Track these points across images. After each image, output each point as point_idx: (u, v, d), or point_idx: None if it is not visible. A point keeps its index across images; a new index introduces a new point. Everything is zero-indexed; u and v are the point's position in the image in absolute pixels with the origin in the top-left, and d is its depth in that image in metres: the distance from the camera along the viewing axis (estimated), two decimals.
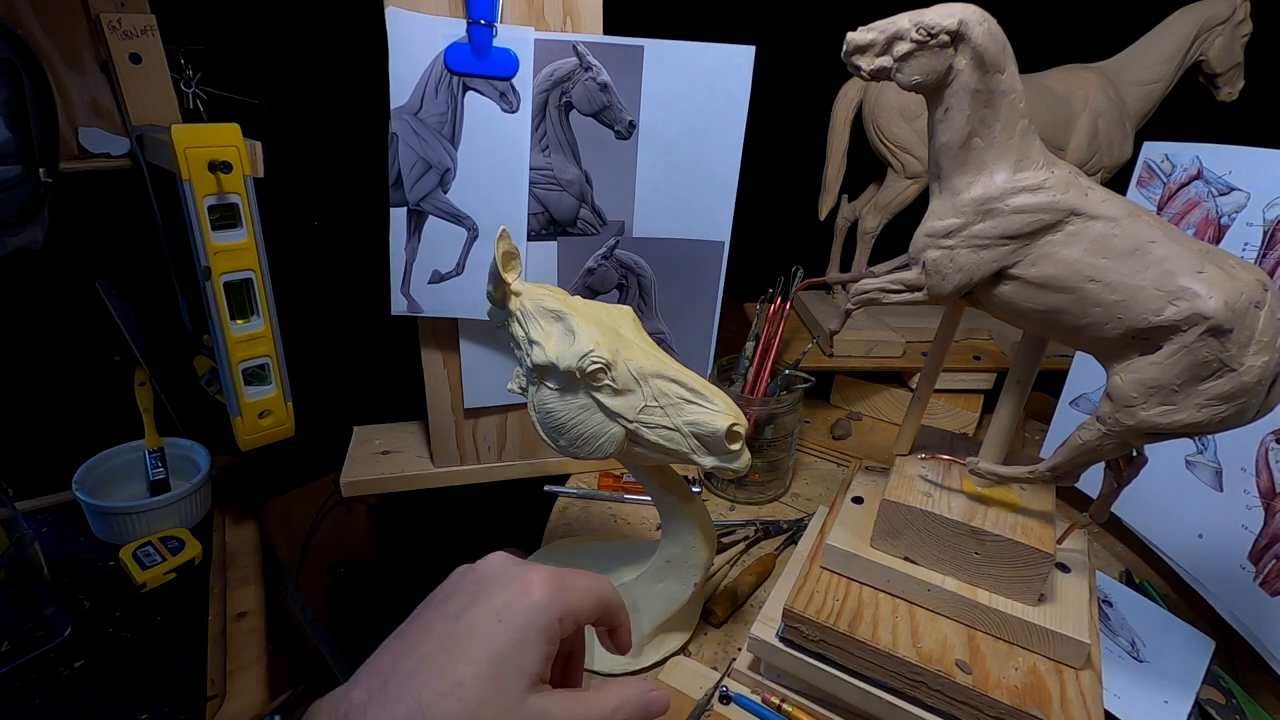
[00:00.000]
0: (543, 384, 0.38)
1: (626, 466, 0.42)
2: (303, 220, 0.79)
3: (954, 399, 0.73)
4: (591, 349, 0.35)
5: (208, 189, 0.46)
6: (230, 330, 0.50)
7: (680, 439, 0.37)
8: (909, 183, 0.69)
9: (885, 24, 0.32)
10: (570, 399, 0.37)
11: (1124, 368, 0.32)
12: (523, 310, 0.38)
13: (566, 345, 0.36)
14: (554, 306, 0.37)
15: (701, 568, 0.42)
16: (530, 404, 0.39)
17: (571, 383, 0.36)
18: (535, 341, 0.37)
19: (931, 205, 0.35)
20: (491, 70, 0.49)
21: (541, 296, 0.38)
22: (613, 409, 0.36)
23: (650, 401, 0.36)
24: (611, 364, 0.36)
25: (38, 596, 0.50)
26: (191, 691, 0.47)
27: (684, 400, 0.36)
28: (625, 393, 0.36)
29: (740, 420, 0.36)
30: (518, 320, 0.38)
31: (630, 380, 0.36)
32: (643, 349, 0.38)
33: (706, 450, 0.37)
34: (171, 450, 0.65)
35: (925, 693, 0.36)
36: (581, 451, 0.38)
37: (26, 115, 0.51)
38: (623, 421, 0.37)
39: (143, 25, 0.55)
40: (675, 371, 0.37)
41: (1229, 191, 0.48)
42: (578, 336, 0.36)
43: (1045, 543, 0.36)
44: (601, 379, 0.36)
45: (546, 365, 0.36)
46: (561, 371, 0.36)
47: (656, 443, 0.37)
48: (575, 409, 0.37)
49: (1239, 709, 0.42)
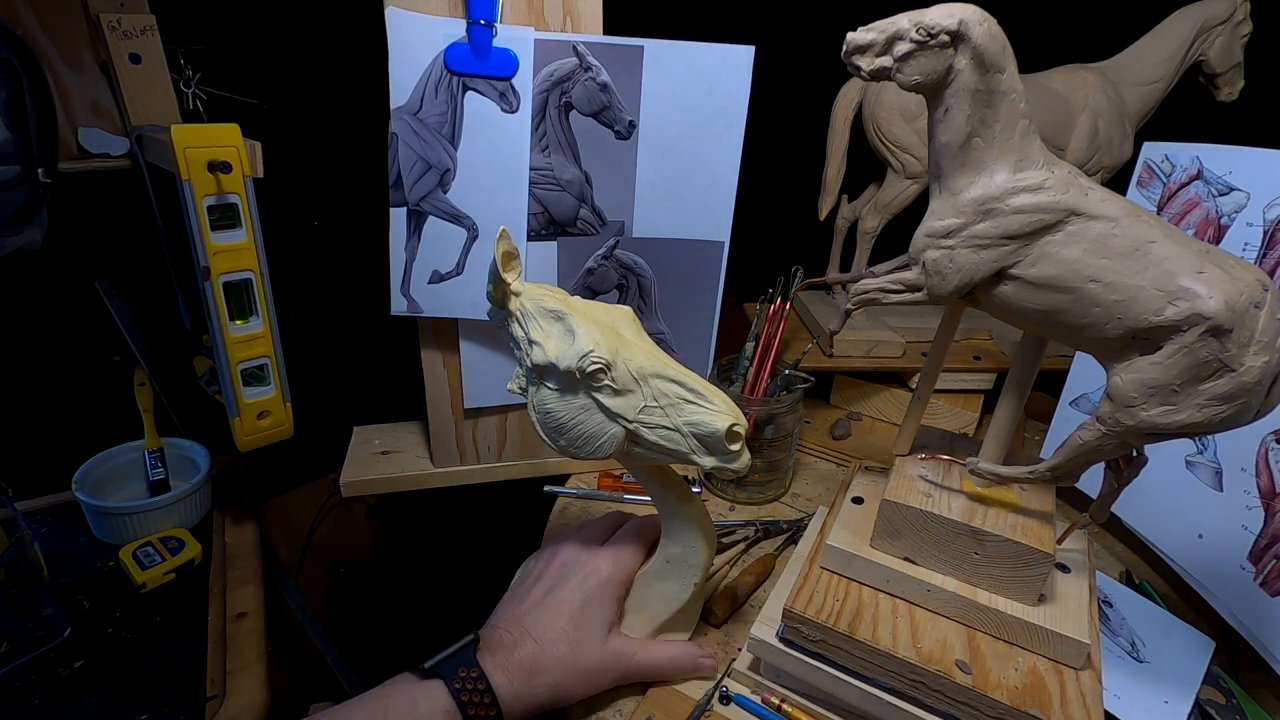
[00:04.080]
0: (542, 384, 0.38)
1: (626, 467, 0.42)
2: (302, 220, 0.79)
3: (954, 399, 0.73)
4: (591, 349, 0.35)
5: (207, 189, 0.46)
6: (229, 331, 0.50)
7: (680, 439, 0.37)
8: (909, 183, 0.69)
9: (885, 24, 0.32)
10: (570, 399, 0.37)
11: (1124, 368, 0.32)
12: (522, 310, 0.38)
13: (566, 345, 0.36)
14: (554, 307, 0.37)
15: (701, 568, 0.42)
16: (530, 404, 0.39)
17: (571, 383, 0.36)
18: (535, 342, 0.37)
19: (931, 205, 0.35)
20: (491, 70, 0.49)
21: (541, 297, 0.38)
22: (613, 409, 0.36)
23: (650, 401, 0.36)
24: (611, 364, 0.35)
25: (37, 597, 0.50)
26: (191, 692, 0.47)
27: (684, 400, 0.36)
28: (625, 393, 0.36)
29: (740, 420, 0.36)
30: (517, 320, 0.38)
31: (630, 380, 0.36)
32: (642, 349, 0.38)
33: (706, 450, 0.37)
34: (171, 450, 0.65)
35: (925, 693, 0.36)
36: (581, 452, 0.38)
37: (25, 115, 0.51)
38: (623, 422, 0.37)
39: (142, 25, 0.55)
40: (675, 372, 0.37)
41: (1229, 191, 0.48)
42: (578, 336, 0.36)
43: (1045, 543, 0.36)
44: (601, 379, 0.36)
45: (546, 365, 0.36)
46: (561, 372, 0.36)
47: (656, 443, 0.37)
48: (575, 409, 0.37)
49: (1239, 709, 0.42)
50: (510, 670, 0.37)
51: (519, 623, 0.40)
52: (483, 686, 0.36)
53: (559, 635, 0.39)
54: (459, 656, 0.37)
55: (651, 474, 0.41)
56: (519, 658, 0.38)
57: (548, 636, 0.39)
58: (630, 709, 0.42)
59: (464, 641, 0.38)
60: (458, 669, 0.36)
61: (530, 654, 0.38)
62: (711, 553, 0.43)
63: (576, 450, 0.38)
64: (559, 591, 0.41)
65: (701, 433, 0.36)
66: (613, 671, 0.41)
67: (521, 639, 0.39)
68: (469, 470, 0.62)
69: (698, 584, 0.43)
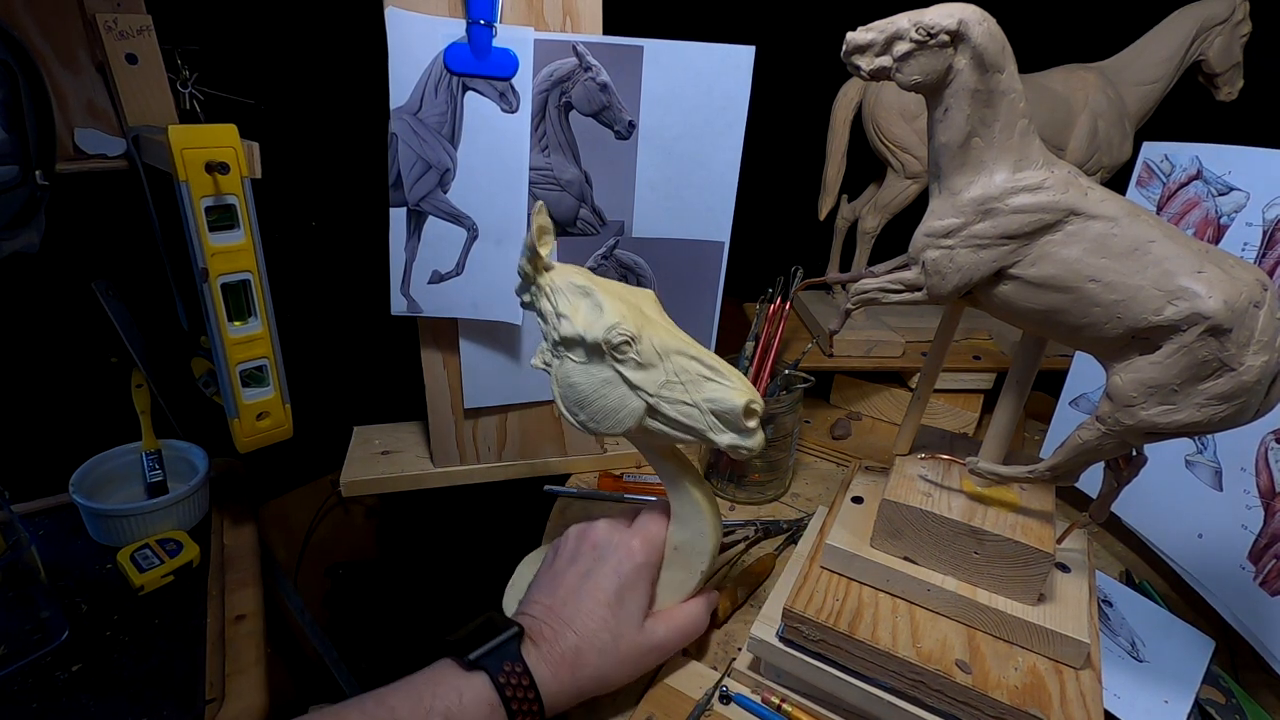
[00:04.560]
0: (568, 357, 0.39)
1: (639, 447, 0.43)
2: (300, 221, 0.79)
3: (954, 399, 0.73)
4: (619, 321, 0.37)
5: (205, 190, 0.46)
6: (228, 332, 0.50)
7: (699, 415, 0.38)
8: (909, 183, 0.69)
9: (885, 24, 0.32)
10: (594, 372, 0.38)
11: (1124, 367, 0.32)
12: (552, 286, 0.39)
13: (595, 318, 0.37)
14: (582, 283, 0.39)
15: (709, 554, 0.43)
16: (553, 378, 0.40)
17: (596, 355, 0.38)
18: (563, 315, 0.38)
19: (931, 205, 0.35)
20: (491, 70, 0.48)
21: (570, 274, 0.39)
22: (635, 382, 0.38)
23: (671, 377, 0.38)
24: (637, 337, 0.37)
25: (35, 600, 0.50)
26: (190, 695, 0.47)
27: (703, 378, 0.37)
28: (648, 367, 0.38)
29: (757, 398, 0.37)
30: (547, 295, 0.39)
31: (654, 355, 0.37)
32: (664, 327, 0.39)
33: (724, 427, 0.38)
34: (169, 452, 0.65)
35: (925, 693, 0.36)
36: (602, 425, 0.39)
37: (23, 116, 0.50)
38: (644, 395, 0.38)
39: (139, 25, 0.54)
40: (696, 350, 0.38)
41: (1228, 191, 0.48)
42: (605, 310, 0.37)
43: (1045, 542, 0.36)
44: (627, 352, 0.37)
45: (574, 337, 0.38)
46: (588, 343, 0.37)
47: (675, 418, 0.38)
48: (599, 382, 0.38)
49: (1239, 709, 0.42)
50: (554, 663, 0.37)
51: (558, 614, 0.39)
52: (526, 682, 0.36)
53: (600, 625, 0.39)
54: (504, 649, 0.37)
55: (664, 455, 0.42)
56: (561, 650, 0.38)
57: (589, 627, 0.39)
58: (630, 709, 0.42)
59: (509, 634, 0.37)
60: (502, 662, 0.36)
61: (572, 646, 0.38)
62: (718, 540, 0.43)
63: (597, 424, 0.39)
64: (595, 577, 0.41)
65: (720, 409, 0.37)
66: (650, 655, 0.41)
67: (562, 631, 0.39)
68: (469, 470, 0.62)
69: (704, 572, 0.43)
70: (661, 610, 0.43)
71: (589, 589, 0.40)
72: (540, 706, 0.36)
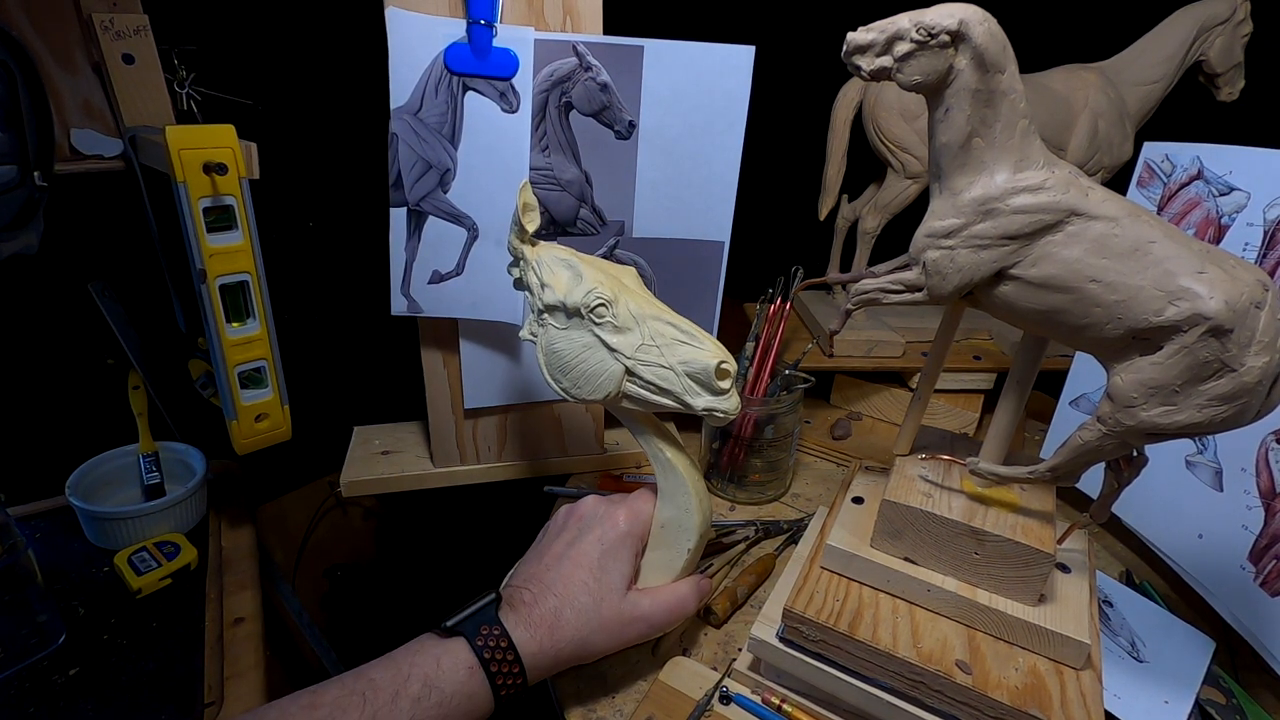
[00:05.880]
0: (551, 324, 0.41)
1: (620, 417, 0.45)
2: (299, 221, 0.79)
3: (954, 399, 0.73)
4: (595, 286, 0.40)
5: (202, 191, 0.46)
6: (226, 333, 0.50)
7: (674, 378, 0.40)
8: (909, 183, 0.69)
9: (885, 24, 0.31)
10: (575, 337, 0.41)
11: (1124, 368, 0.32)
12: (538, 260, 0.42)
13: (575, 285, 0.40)
14: (565, 257, 0.42)
15: (696, 531, 0.43)
16: (539, 347, 0.42)
17: (577, 320, 0.40)
18: (546, 284, 0.41)
19: (931, 205, 0.35)
20: (491, 70, 0.48)
21: (556, 249, 0.43)
22: (613, 345, 0.40)
23: (647, 340, 0.40)
24: (614, 300, 0.39)
25: (31, 603, 0.49)
26: (188, 698, 0.47)
27: (677, 341, 0.40)
28: (625, 330, 0.40)
29: (729, 359, 0.39)
30: (533, 269, 0.42)
31: (630, 319, 0.40)
32: (641, 296, 0.41)
33: (699, 389, 0.40)
34: (166, 454, 0.65)
35: (925, 693, 0.36)
36: (583, 390, 0.41)
37: (21, 117, 0.50)
38: (621, 358, 0.40)
39: (135, 25, 0.54)
40: (671, 316, 0.41)
41: (1229, 191, 0.48)
42: (584, 278, 0.40)
43: (1045, 543, 0.36)
44: (604, 315, 0.39)
45: (556, 304, 0.40)
46: (569, 307, 0.40)
47: (652, 381, 0.40)
48: (579, 347, 0.41)
49: (1239, 709, 0.42)
50: (533, 626, 0.38)
51: (540, 579, 0.40)
52: (505, 644, 0.36)
53: (579, 587, 0.40)
54: (481, 615, 0.37)
55: (650, 429, 0.44)
56: (540, 613, 0.38)
57: (569, 590, 0.39)
58: (630, 709, 0.42)
59: (486, 600, 0.38)
60: (479, 626, 0.36)
61: (552, 608, 0.39)
62: (705, 518, 0.44)
63: (579, 390, 0.41)
64: (578, 545, 0.42)
65: (693, 370, 0.39)
66: (632, 625, 0.41)
67: (542, 594, 0.39)
68: (469, 470, 0.62)
69: (691, 550, 0.43)
70: (648, 587, 0.43)
71: (572, 555, 0.41)
72: (521, 668, 0.36)
